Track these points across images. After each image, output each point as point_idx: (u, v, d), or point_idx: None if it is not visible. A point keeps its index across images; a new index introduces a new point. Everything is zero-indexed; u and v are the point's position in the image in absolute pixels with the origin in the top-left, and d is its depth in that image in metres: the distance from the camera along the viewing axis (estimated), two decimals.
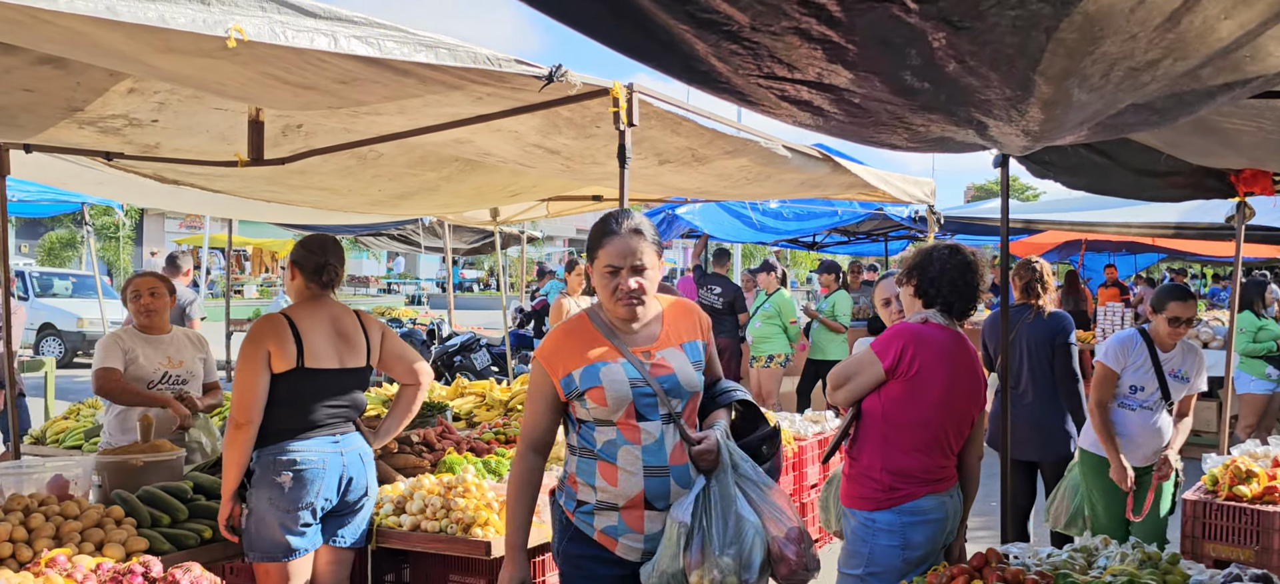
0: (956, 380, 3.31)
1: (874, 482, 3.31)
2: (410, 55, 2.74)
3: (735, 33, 1.72)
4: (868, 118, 2.27)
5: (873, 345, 3.36)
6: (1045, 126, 2.46)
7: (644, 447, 2.76)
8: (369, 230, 12.92)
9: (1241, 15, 1.61)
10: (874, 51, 1.80)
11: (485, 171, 5.60)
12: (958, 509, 3.41)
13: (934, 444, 3.28)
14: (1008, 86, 2.00)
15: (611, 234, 2.72)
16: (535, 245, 35.69)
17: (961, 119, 2.35)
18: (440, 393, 6.97)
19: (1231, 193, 5.78)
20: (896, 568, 3.26)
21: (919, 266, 3.44)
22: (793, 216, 10.64)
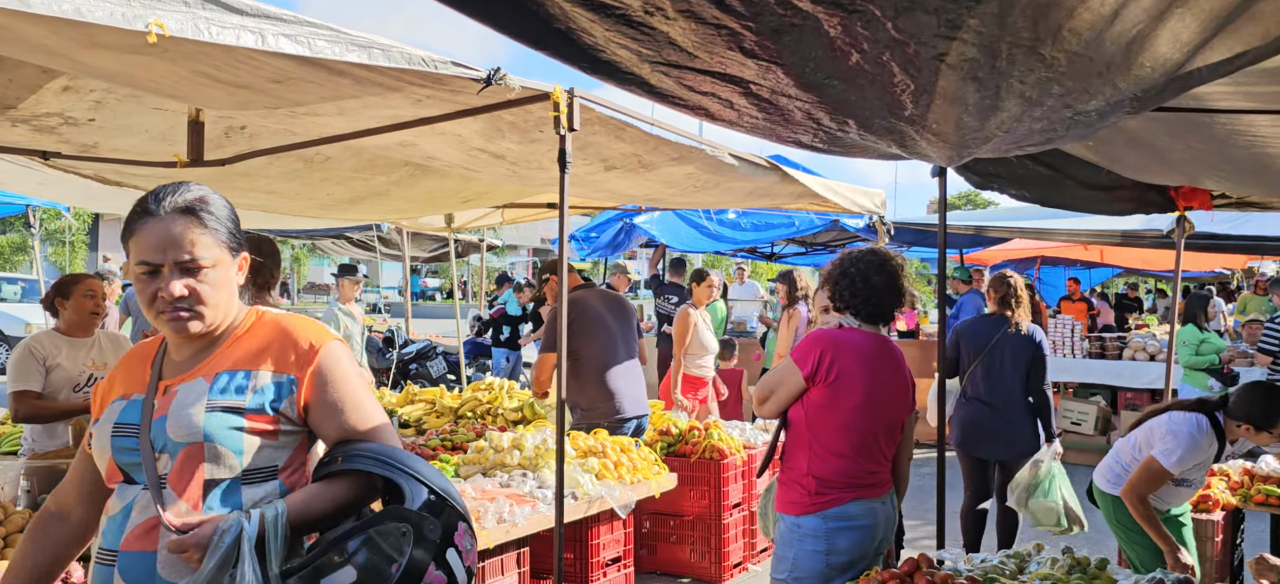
0: (880, 383, 3.34)
1: (801, 487, 3.33)
2: (342, 55, 2.72)
3: (629, 16, 1.73)
4: (780, 115, 2.28)
5: (792, 354, 3.39)
6: (960, 132, 2.49)
7: (106, 524, 1.92)
8: (327, 235, 12.81)
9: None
10: (770, 40, 1.82)
11: (435, 176, 5.58)
12: (890, 516, 3.42)
13: (861, 448, 3.30)
14: (909, 76, 2.02)
15: (147, 216, 1.91)
16: (496, 253, 35.56)
17: (877, 126, 2.38)
18: (390, 400, 6.92)
19: (1171, 207, 5.92)
20: (820, 573, 3.28)
21: (835, 274, 3.46)
22: (750, 226, 10.71)
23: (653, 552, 5.90)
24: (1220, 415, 4.01)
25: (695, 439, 5.88)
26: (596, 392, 5.66)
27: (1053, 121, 2.38)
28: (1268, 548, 5.43)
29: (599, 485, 4.61)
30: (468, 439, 5.43)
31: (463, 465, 4.77)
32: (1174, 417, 4.04)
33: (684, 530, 5.81)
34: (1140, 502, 3.99)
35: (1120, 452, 4.30)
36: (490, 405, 6.45)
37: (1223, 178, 4.82)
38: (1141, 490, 3.99)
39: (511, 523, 4.03)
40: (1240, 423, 3.97)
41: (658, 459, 5.30)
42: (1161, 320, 15.28)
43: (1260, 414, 3.93)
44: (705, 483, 5.74)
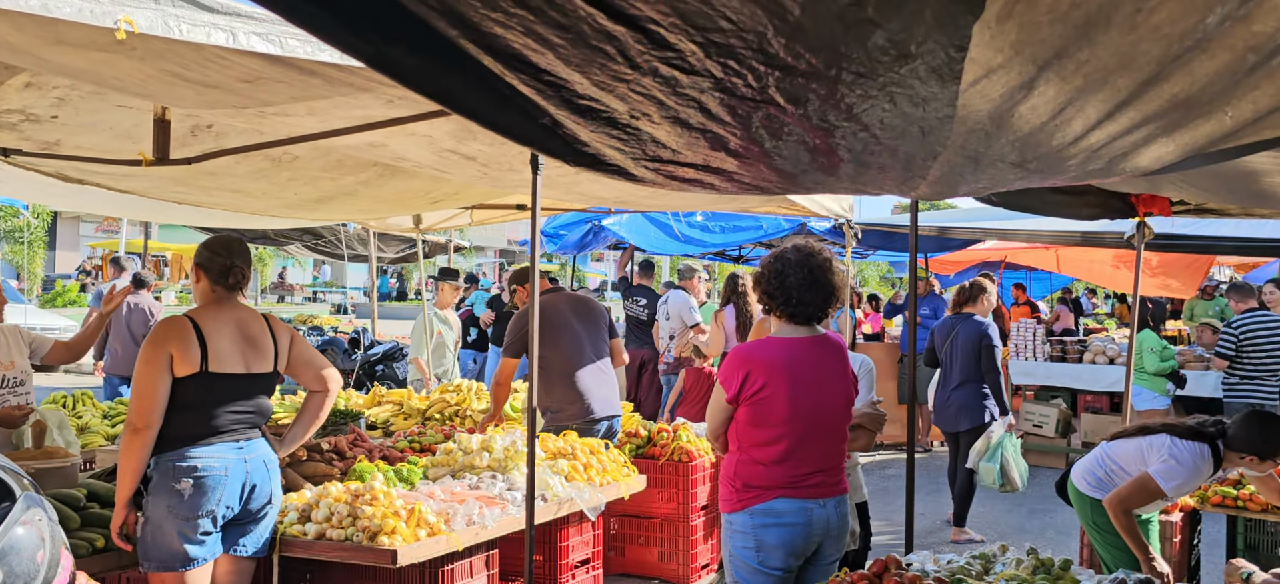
0: (808, 386, 3.34)
1: (731, 486, 3.40)
2: (314, 54, 2.70)
3: (615, 120, 1.74)
4: (758, 191, 2.31)
5: (718, 374, 3.41)
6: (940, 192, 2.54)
7: None
8: (292, 234, 12.67)
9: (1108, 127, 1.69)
10: (755, 146, 1.84)
11: (404, 177, 5.54)
12: (831, 519, 3.41)
13: (790, 453, 3.32)
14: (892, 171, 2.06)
15: None
16: (464, 255, 35.38)
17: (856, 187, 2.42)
18: (357, 401, 6.87)
19: (1132, 213, 6.04)
20: (753, 567, 3.34)
21: (766, 273, 3.45)
22: (718, 229, 10.74)
23: (621, 554, 5.91)
24: (1220, 444, 3.99)
25: (664, 441, 5.89)
26: (564, 393, 5.66)
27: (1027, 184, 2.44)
28: (1223, 548, 5.55)
29: (569, 487, 4.61)
30: (436, 441, 5.41)
31: (431, 467, 4.75)
32: (1177, 443, 4.02)
33: (652, 532, 5.82)
34: (1126, 514, 4.01)
35: (1105, 458, 4.30)
36: (459, 407, 6.43)
37: (1184, 185, 4.92)
38: (1130, 505, 4.01)
39: (481, 525, 4.02)
40: (1244, 454, 3.94)
41: (627, 461, 5.31)
42: (1120, 325, 15.55)
43: (1262, 443, 3.91)
44: (674, 485, 5.76)
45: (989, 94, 1.55)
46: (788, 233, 10.87)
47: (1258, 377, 8.09)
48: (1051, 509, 7.56)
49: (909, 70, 1.44)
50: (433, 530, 3.85)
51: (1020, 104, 1.58)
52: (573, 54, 1.48)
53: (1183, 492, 4.06)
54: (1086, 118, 1.66)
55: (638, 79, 1.56)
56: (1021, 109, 1.61)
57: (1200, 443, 3.98)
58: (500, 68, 1.53)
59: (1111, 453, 4.31)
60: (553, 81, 1.59)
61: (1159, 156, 1.91)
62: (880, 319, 14.43)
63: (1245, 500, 5.04)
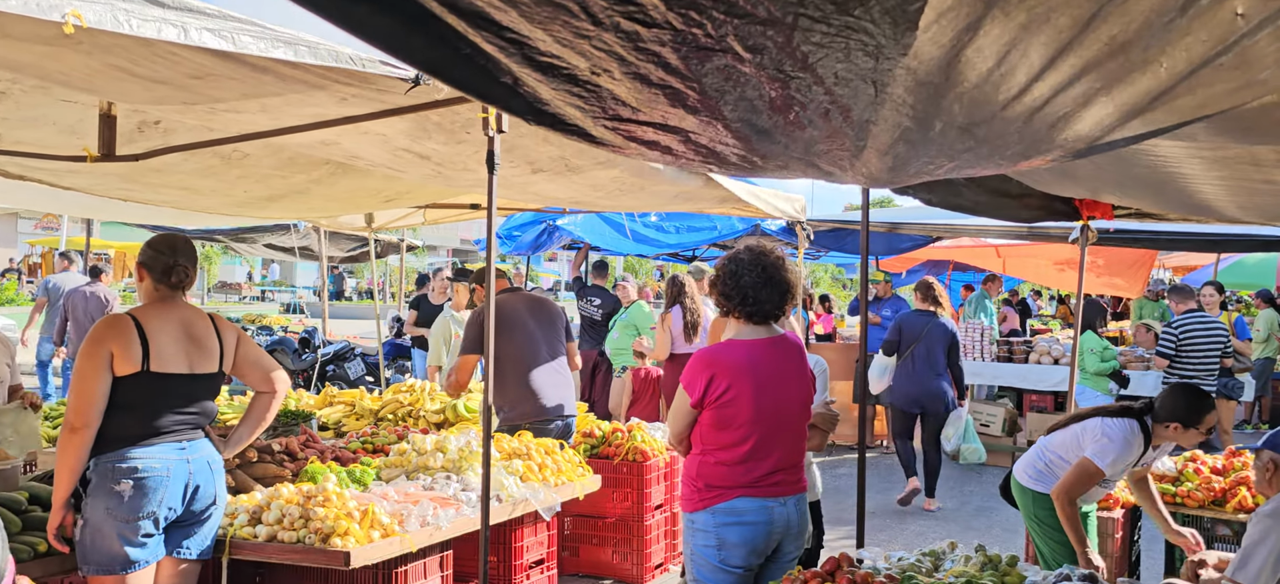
0: (772, 388, 3.37)
1: (693, 486, 3.42)
2: (267, 51, 2.67)
3: (576, 77, 1.75)
4: (717, 158, 2.32)
5: (681, 378, 3.43)
6: (888, 174, 2.57)
7: None
8: (240, 233, 12.48)
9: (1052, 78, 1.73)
10: (714, 98, 1.86)
11: (357, 175, 5.49)
12: (792, 519, 3.45)
13: (753, 453, 3.36)
14: (845, 135, 2.09)
15: None
16: (416, 254, 35.07)
17: (807, 165, 2.44)
18: (308, 401, 6.79)
19: (1076, 216, 6.19)
20: (714, 566, 3.36)
21: (722, 276, 3.48)
22: (673, 230, 10.77)
23: (575, 554, 5.91)
24: (1148, 420, 4.18)
25: (619, 441, 5.91)
26: (517, 392, 5.65)
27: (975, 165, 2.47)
28: (1162, 544, 5.70)
29: (523, 488, 4.60)
30: (389, 442, 5.36)
31: (385, 468, 4.71)
32: (1106, 422, 4.20)
33: (607, 532, 5.83)
34: (1070, 503, 4.13)
35: (1044, 450, 4.44)
36: (412, 408, 6.38)
37: (1124, 193, 5.05)
38: (1074, 492, 4.14)
39: (435, 526, 4.00)
40: (1169, 423, 4.13)
41: (582, 461, 5.32)
42: (1064, 325, 15.89)
43: (1186, 412, 4.12)
44: (628, 485, 5.77)
45: (940, 40, 1.58)
46: (742, 234, 10.95)
47: (1196, 375, 8.32)
48: (998, 506, 7.70)
49: (863, 11, 1.47)
50: (386, 532, 3.82)
51: (967, 47, 1.62)
52: (536, 11, 1.50)
53: (1119, 469, 4.19)
54: (1030, 64, 1.69)
55: (599, 34, 1.58)
56: (968, 53, 1.64)
57: (1129, 419, 4.17)
58: (463, 26, 1.55)
59: (1049, 445, 4.45)
60: (515, 39, 1.61)
61: (1099, 119, 1.94)
62: (832, 320, 14.59)
63: (1183, 497, 5.19)
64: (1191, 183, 3.97)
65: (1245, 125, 2.39)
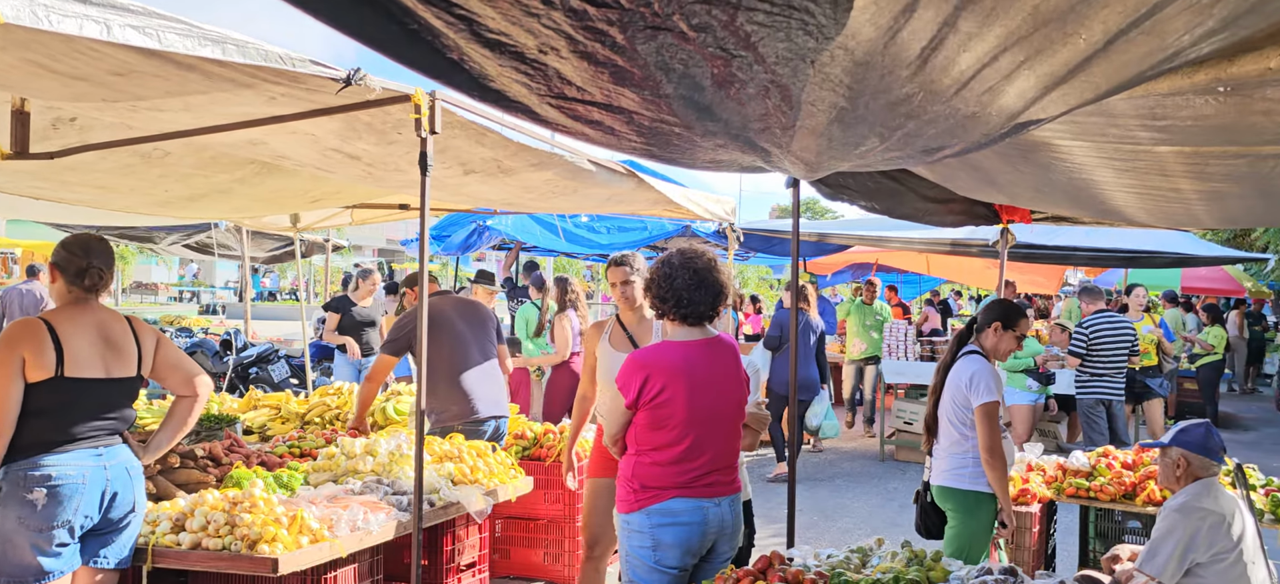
0: (705, 388, 3.41)
1: (628, 487, 3.45)
2: (194, 49, 2.61)
3: (523, 55, 1.77)
4: (660, 139, 2.35)
5: (616, 380, 3.45)
6: (820, 157, 2.63)
7: None
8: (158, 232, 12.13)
9: (977, 48, 1.79)
10: (658, 76, 1.89)
11: (283, 175, 5.39)
12: (726, 519, 3.50)
13: (688, 454, 3.39)
14: (782, 113, 2.13)
15: None
16: (341, 254, 34.44)
17: (745, 145, 2.48)
18: (231, 405, 6.63)
19: (997, 221, 6.41)
20: (649, 566, 3.39)
21: (655, 279, 3.51)
22: (605, 231, 10.81)
23: (506, 556, 5.89)
24: (973, 344, 4.52)
25: (551, 443, 5.90)
26: (448, 394, 5.62)
27: (907, 152, 2.55)
28: (1077, 537, 5.92)
29: (455, 490, 4.57)
30: (317, 446, 5.27)
31: (313, 473, 4.63)
32: (958, 371, 4.44)
33: (538, 533, 5.82)
34: (997, 455, 4.31)
35: (945, 438, 4.49)
36: (340, 411, 6.28)
37: (1041, 198, 5.24)
38: (992, 440, 4.30)
39: (366, 531, 3.95)
40: (988, 328, 4.49)
41: (514, 463, 5.30)
42: None
43: (1003, 315, 4.51)
44: (560, 486, 5.76)
45: (877, 21, 1.63)
46: (673, 235, 11.03)
47: (1105, 372, 8.64)
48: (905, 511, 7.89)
49: None
50: (315, 537, 3.76)
51: (903, 29, 1.67)
52: None
53: (1001, 391, 4.43)
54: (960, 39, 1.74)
55: (548, 13, 1.60)
56: (904, 35, 1.70)
57: (965, 352, 4.50)
58: (411, 1, 1.55)
59: (944, 432, 4.51)
60: (463, 15, 1.62)
61: (1023, 91, 2.01)
62: (761, 320, 14.76)
63: (1096, 491, 5.40)
64: (1104, 189, 4.14)
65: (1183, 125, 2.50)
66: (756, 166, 3.07)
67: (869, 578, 3.35)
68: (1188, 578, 3.57)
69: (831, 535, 7.22)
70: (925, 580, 3.41)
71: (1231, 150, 2.91)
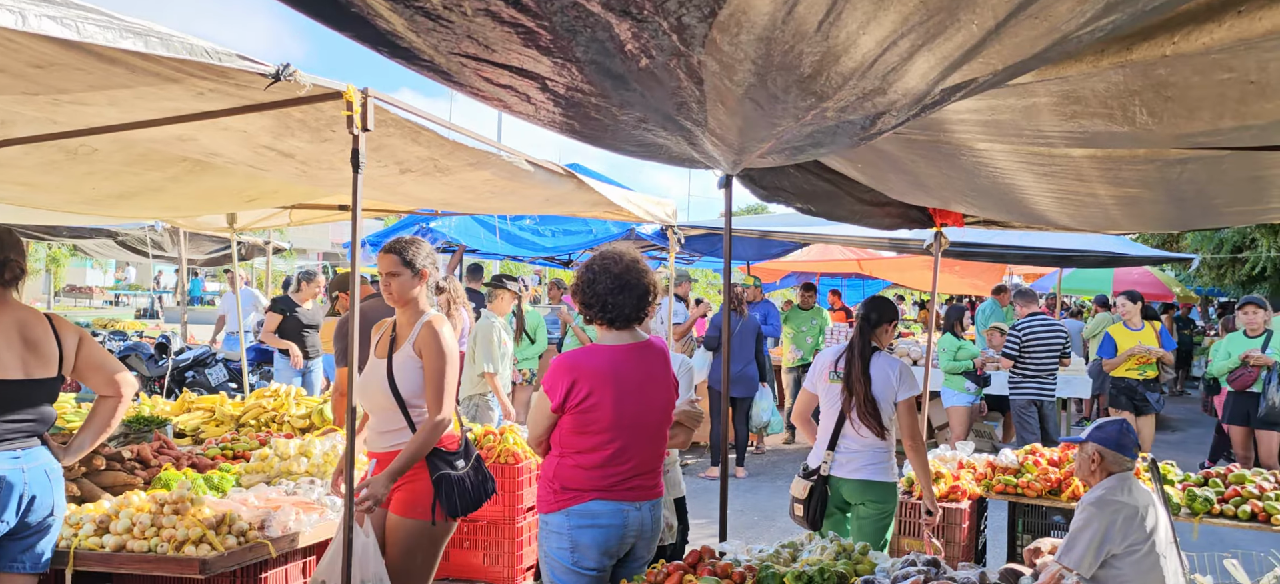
0: (632, 393, 3.42)
1: (549, 487, 3.46)
2: (115, 41, 2.57)
3: (428, 10, 1.77)
4: (578, 112, 2.35)
5: (543, 381, 3.46)
6: (741, 138, 2.66)
7: None
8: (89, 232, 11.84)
9: (876, 31, 1.85)
10: (566, 39, 1.90)
11: (217, 173, 5.31)
12: (646, 522, 3.52)
13: (612, 459, 3.41)
14: (693, 84, 2.15)
15: None
16: (283, 257, 33.91)
17: (666, 122, 2.49)
18: (164, 407, 6.51)
19: (931, 224, 6.54)
20: (568, 567, 3.40)
21: (579, 284, 3.53)
22: (549, 233, 10.78)
23: (446, 558, 5.84)
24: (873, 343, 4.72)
25: (490, 444, 5.89)
26: None
27: (821, 130, 2.58)
28: (1005, 532, 6.07)
29: None
30: (251, 448, 5.21)
31: (245, 474, 4.58)
32: (882, 369, 4.63)
33: (478, 535, 5.81)
34: (922, 442, 4.73)
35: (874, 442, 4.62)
36: (276, 413, 6.20)
37: (970, 202, 5.37)
38: (917, 429, 4.69)
39: (298, 532, 3.92)
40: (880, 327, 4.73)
41: None
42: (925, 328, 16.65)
43: (883, 311, 4.77)
44: (499, 487, 5.76)
45: None
46: (617, 237, 11.05)
47: (1037, 375, 8.85)
48: None
49: None
50: (245, 538, 3.72)
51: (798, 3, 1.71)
52: None
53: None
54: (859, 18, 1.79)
55: None
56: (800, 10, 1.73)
57: (875, 350, 4.70)
58: None
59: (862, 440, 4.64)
60: None
61: (924, 72, 2.06)
62: (705, 323, 14.84)
63: (1023, 487, 5.54)
64: (1026, 194, 4.26)
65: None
66: (687, 155, 3.10)
67: (795, 570, 3.40)
68: (1103, 569, 3.68)
69: (771, 533, 7.31)
70: (852, 572, 3.48)
71: (1140, 153, 3.02)
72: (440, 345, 3.79)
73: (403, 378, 3.81)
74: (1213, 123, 2.48)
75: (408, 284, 3.91)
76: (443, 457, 3.83)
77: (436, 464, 3.80)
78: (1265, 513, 4.95)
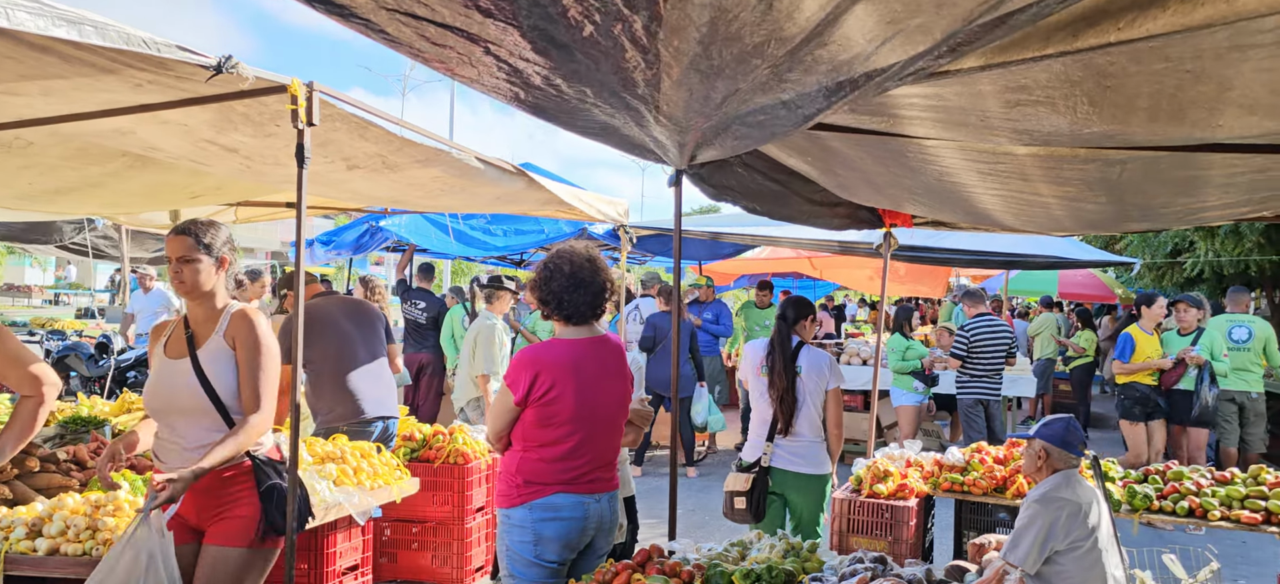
0: (593, 387, 3.46)
1: (510, 481, 3.46)
2: (47, 29, 2.49)
3: None
4: (522, 81, 2.29)
5: (505, 376, 3.48)
6: (687, 113, 2.63)
7: None
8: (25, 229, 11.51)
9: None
10: (507, 5, 1.87)
11: (159, 169, 5.19)
12: (605, 515, 3.54)
13: (573, 452, 3.43)
14: (638, 53, 2.13)
15: None
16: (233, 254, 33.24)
17: (613, 99, 2.44)
18: (103, 408, 6.35)
19: (880, 224, 6.60)
20: (530, 561, 3.41)
21: (536, 283, 3.55)
22: (501, 232, 10.70)
23: (393, 559, 5.79)
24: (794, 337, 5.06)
25: (439, 444, 5.83)
26: (334, 395, 5.50)
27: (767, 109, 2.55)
28: (952, 530, 6.15)
29: (337, 492, 4.48)
30: None
31: None
32: (813, 363, 5.01)
33: (427, 536, 5.75)
34: (842, 428, 5.09)
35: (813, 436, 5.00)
36: None
37: (918, 202, 5.43)
38: (840, 416, 5.07)
39: None
40: (801, 322, 5.10)
41: (400, 464, 5.22)
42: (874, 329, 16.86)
43: (801, 309, 5.13)
44: (449, 487, 5.71)
45: None
46: (569, 236, 11.02)
47: (984, 375, 8.99)
48: None
49: None
50: None
51: None
52: None
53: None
54: None
55: None
56: None
57: (802, 347, 5.07)
58: None
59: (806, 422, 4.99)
60: None
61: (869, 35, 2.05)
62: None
63: (969, 485, 5.62)
64: (973, 192, 4.31)
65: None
66: (637, 138, 3.06)
67: (744, 568, 3.41)
68: (1047, 566, 3.74)
69: (720, 533, 7.32)
70: (800, 570, 3.50)
71: (1081, 152, 3.07)
72: (256, 335, 3.37)
73: (216, 374, 3.34)
74: (1150, 113, 2.53)
75: (206, 271, 3.44)
76: (273, 467, 3.43)
77: (265, 474, 3.37)
78: (1202, 509, 5.07)
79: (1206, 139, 2.76)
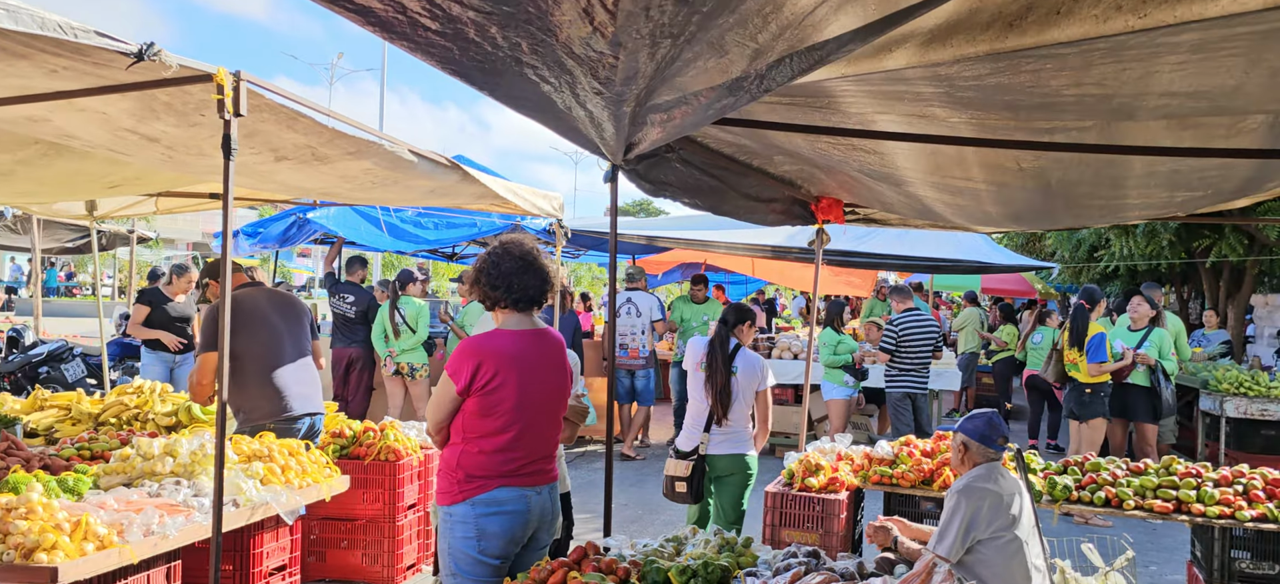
0: (535, 377, 3.45)
1: (451, 477, 3.42)
2: None
3: None
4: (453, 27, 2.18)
5: (447, 366, 3.43)
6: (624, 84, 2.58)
7: None
8: None
9: None
10: None
11: (74, 157, 5.00)
12: (546, 507, 3.53)
13: (514, 443, 3.41)
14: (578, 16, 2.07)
15: None
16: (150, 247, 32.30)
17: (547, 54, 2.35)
18: (13, 406, 6.10)
19: (813, 220, 6.68)
20: (473, 558, 3.37)
21: (484, 268, 3.52)
22: (432, 226, 10.56)
23: (322, 559, 5.69)
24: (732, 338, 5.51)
25: (370, 441, 5.74)
26: (259, 392, 5.37)
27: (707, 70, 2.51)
28: None
29: (264, 491, 4.37)
30: (111, 447, 4.92)
31: (104, 476, 4.32)
32: (748, 364, 5.47)
33: (357, 534, 5.65)
34: (769, 422, 5.53)
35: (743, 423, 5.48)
36: (139, 410, 5.89)
37: (854, 192, 5.50)
38: (764, 412, 5.50)
39: (161, 535, 3.72)
40: (740, 326, 5.56)
41: (329, 462, 5.12)
42: (805, 324, 17.09)
43: (746, 317, 5.61)
44: (380, 485, 5.62)
45: None
46: (502, 230, 10.93)
47: (912, 369, 9.17)
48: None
49: None
50: (102, 543, 3.51)
51: None
52: None
53: None
54: None
55: None
56: None
57: (739, 349, 5.50)
58: None
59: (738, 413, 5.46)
60: None
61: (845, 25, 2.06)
62: (591, 318, 14.85)
63: (898, 478, 5.72)
64: (905, 175, 4.36)
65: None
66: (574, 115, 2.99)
67: (680, 565, 3.43)
68: (969, 555, 3.83)
69: (655, 527, 7.35)
70: (735, 565, 3.52)
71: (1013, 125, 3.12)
72: None
73: None
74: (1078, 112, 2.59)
75: None
76: None
77: None
78: (1118, 499, 5.25)
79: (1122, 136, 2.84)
